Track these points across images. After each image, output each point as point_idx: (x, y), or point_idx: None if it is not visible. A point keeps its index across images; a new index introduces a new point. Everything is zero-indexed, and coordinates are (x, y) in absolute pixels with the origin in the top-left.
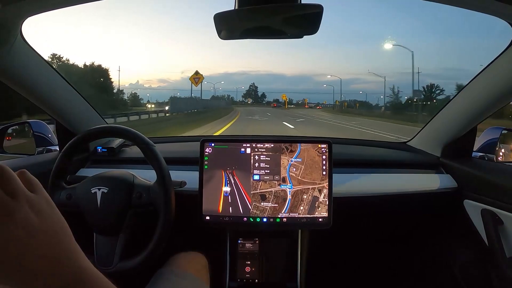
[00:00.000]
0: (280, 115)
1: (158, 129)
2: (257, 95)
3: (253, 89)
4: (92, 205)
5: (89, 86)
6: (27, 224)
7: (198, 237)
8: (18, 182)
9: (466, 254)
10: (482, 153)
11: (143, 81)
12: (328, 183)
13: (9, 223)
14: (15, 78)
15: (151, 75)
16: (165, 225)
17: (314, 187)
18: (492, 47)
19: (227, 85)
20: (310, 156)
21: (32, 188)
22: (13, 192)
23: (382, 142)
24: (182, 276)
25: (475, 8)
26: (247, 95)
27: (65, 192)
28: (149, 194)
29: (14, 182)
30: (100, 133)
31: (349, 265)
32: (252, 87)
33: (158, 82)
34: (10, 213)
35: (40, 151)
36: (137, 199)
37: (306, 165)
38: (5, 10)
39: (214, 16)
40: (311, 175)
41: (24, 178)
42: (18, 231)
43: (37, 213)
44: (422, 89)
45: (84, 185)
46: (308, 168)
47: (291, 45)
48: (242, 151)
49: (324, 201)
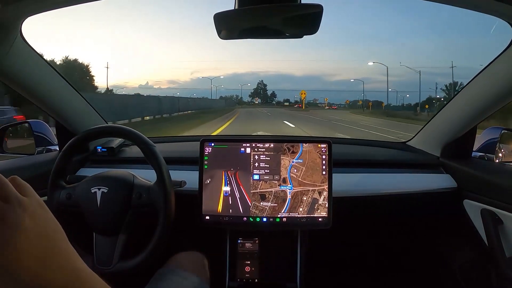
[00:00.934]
0: (302, 119)
1: None
2: (266, 94)
3: (261, 87)
4: (91, 204)
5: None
6: (20, 227)
7: (198, 237)
8: (10, 186)
9: (466, 254)
10: (482, 153)
11: (152, 82)
12: (328, 183)
13: (2, 227)
14: (14, 78)
15: (161, 76)
16: (165, 226)
17: (314, 189)
18: None
19: (236, 86)
20: (312, 158)
21: (24, 193)
22: (6, 196)
23: (382, 142)
24: (182, 276)
25: (475, 8)
26: (255, 94)
27: (65, 192)
28: (149, 194)
29: (6, 186)
30: (100, 133)
31: (349, 265)
32: (260, 85)
33: (167, 83)
34: (3, 217)
35: (40, 151)
36: (137, 199)
37: (307, 166)
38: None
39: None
40: (311, 177)
41: (15, 183)
42: (12, 233)
43: (30, 216)
44: (444, 87)
45: (84, 185)
46: (309, 169)
47: (299, 46)
48: (242, 151)
49: (323, 204)
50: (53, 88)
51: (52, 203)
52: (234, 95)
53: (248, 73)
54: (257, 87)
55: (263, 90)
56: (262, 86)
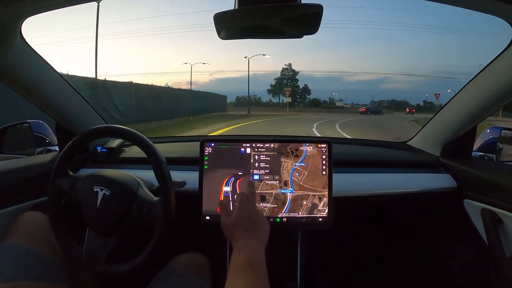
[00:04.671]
0: None
1: None
2: (297, 87)
3: (288, 75)
4: (91, 203)
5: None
6: None
7: (198, 237)
8: None
9: (466, 253)
10: (482, 152)
11: (172, 83)
12: (328, 184)
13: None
14: (14, 78)
15: (181, 78)
16: (157, 244)
17: (315, 194)
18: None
19: (256, 87)
20: (314, 163)
21: None
22: None
23: (382, 142)
24: (182, 278)
25: (475, 8)
26: (276, 88)
27: (69, 181)
28: (149, 210)
29: None
30: (100, 133)
31: (349, 265)
32: (287, 72)
33: (187, 85)
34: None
35: (40, 151)
36: (137, 211)
37: (309, 171)
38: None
39: (214, 16)
40: (313, 181)
41: None
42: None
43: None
44: None
45: (88, 181)
46: (311, 174)
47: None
48: (242, 151)
49: (322, 209)
50: (53, 88)
51: (52, 190)
52: (252, 95)
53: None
54: (281, 76)
55: (292, 79)
56: (289, 73)
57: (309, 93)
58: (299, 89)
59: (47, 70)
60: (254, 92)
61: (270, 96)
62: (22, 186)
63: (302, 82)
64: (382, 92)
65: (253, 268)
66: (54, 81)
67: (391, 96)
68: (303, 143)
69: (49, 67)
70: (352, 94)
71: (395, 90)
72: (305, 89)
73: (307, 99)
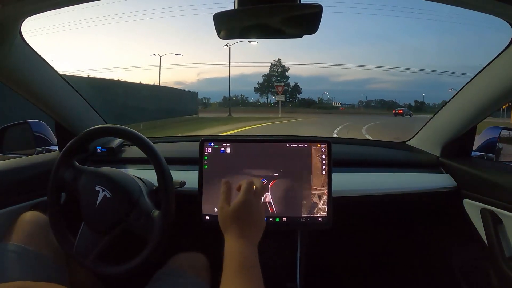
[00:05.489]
0: None
1: None
2: (288, 86)
3: (277, 71)
4: (90, 200)
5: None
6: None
7: (198, 237)
8: None
9: (466, 253)
10: (482, 152)
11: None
12: (328, 185)
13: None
14: (14, 78)
15: (168, 78)
16: (149, 256)
17: (314, 193)
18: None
19: (243, 86)
20: (314, 163)
21: None
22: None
23: (381, 141)
24: (182, 277)
25: (475, 8)
26: (264, 87)
27: (72, 172)
28: (147, 222)
29: None
30: (100, 133)
31: (349, 264)
32: (275, 68)
33: (174, 85)
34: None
35: (40, 151)
36: (134, 220)
37: (309, 171)
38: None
39: (214, 16)
40: (312, 181)
41: None
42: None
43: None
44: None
45: (91, 177)
46: (311, 174)
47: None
48: (242, 151)
49: (323, 208)
50: (53, 88)
51: (54, 178)
52: (240, 95)
53: (255, 73)
54: (270, 73)
55: (282, 77)
56: (279, 69)
57: (299, 92)
58: (289, 88)
59: (46, 70)
60: (242, 91)
61: (258, 95)
62: (22, 186)
63: (292, 81)
64: (369, 91)
65: (247, 271)
66: (53, 81)
67: (380, 96)
68: (303, 143)
69: (49, 67)
70: (340, 94)
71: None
72: (296, 88)
73: (297, 99)
